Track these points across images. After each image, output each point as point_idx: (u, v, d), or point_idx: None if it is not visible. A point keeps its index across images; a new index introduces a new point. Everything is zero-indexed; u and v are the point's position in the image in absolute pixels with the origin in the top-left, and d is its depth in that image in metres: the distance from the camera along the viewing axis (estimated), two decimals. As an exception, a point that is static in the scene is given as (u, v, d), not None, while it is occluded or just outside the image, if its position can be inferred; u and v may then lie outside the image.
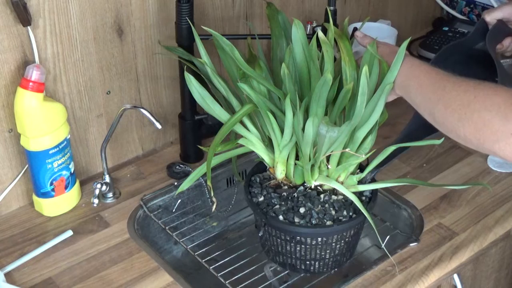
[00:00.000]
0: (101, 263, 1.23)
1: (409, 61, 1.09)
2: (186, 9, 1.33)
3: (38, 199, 1.33)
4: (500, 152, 0.93)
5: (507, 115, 0.91)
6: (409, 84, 1.07)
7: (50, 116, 1.26)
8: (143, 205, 1.38)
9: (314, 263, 1.19)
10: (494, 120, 0.92)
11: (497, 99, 0.93)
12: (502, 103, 0.92)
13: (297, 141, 1.14)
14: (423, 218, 1.33)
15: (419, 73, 1.06)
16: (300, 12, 1.66)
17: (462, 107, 0.96)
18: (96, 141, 1.43)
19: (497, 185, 1.42)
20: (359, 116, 1.09)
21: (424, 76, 1.05)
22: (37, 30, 1.25)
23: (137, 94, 1.46)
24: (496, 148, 0.93)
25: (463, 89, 0.97)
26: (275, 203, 1.17)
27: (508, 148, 0.92)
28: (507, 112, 0.91)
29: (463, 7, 1.99)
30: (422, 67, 1.07)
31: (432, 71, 1.05)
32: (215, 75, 1.18)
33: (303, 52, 1.15)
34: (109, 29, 1.35)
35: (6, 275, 1.20)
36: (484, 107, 0.94)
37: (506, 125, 0.91)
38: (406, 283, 1.19)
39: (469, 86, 0.97)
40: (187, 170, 1.47)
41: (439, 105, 1.00)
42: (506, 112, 0.91)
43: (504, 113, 0.91)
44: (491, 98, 0.94)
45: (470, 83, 0.98)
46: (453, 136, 1.01)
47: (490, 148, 0.95)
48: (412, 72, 1.07)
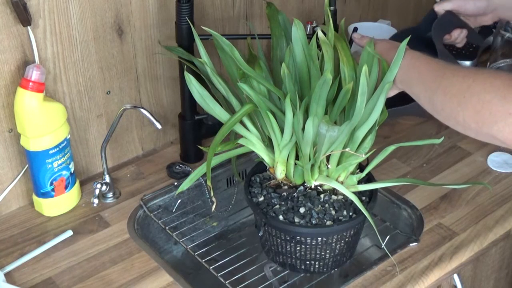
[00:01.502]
0: (101, 263, 1.23)
1: (409, 54, 1.09)
2: (186, 9, 1.33)
3: (38, 199, 1.33)
4: (499, 134, 0.92)
5: (505, 96, 0.91)
6: (410, 76, 1.07)
7: (50, 116, 1.26)
8: (143, 205, 1.38)
9: (314, 263, 1.19)
10: (493, 101, 0.92)
11: (496, 81, 0.93)
12: (501, 84, 0.92)
13: (297, 141, 1.14)
14: (423, 218, 1.33)
15: (419, 64, 1.07)
16: (300, 12, 1.66)
17: (461, 91, 0.96)
18: (96, 141, 1.43)
19: (497, 185, 1.43)
20: (359, 116, 1.09)
21: (424, 66, 1.05)
22: (37, 30, 1.25)
23: (137, 94, 1.46)
24: (495, 130, 0.92)
25: (462, 75, 0.97)
26: (275, 203, 1.17)
27: (507, 129, 0.91)
28: (506, 93, 0.91)
29: (463, 7, 1.99)
30: (422, 58, 1.07)
31: (432, 61, 1.05)
32: (215, 75, 1.18)
33: (303, 52, 1.15)
34: (109, 29, 1.35)
35: (6, 275, 1.20)
36: (483, 89, 0.93)
37: (504, 105, 0.90)
38: (406, 283, 1.19)
39: (468, 72, 0.98)
40: (187, 170, 1.47)
41: (438, 92, 1.00)
42: (505, 93, 0.91)
43: (502, 94, 0.91)
44: (490, 80, 0.93)
45: (470, 69, 0.99)
46: (452, 122, 1.00)
47: (488, 130, 0.93)
48: (413, 64, 1.08)
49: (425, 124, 1.61)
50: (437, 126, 1.59)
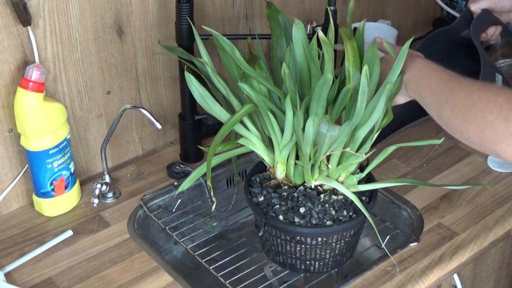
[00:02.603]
0: (101, 263, 1.23)
1: (422, 63, 1.10)
2: (186, 9, 1.33)
3: (38, 199, 1.33)
4: (502, 153, 0.94)
5: (508, 117, 0.92)
6: (421, 86, 1.08)
7: (50, 116, 1.26)
8: (143, 205, 1.38)
9: (314, 263, 1.19)
10: (496, 121, 0.93)
11: (499, 100, 0.94)
12: (504, 104, 0.93)
13: (297, 141, 1.14)
14: (423, 218, 1.33)
15: (430, 75, 1.08)
16: (300, 12, 1.66)
17: (467, 108, 0.98)
18: (96, 141, 1.43)
19: (497, 185, 1.43)
20: (359, 116, 1.09)
21: (435, 78, 1.07)
22: (37, 30, 1.24)
23: (137, 94, 1.46)
24: (498, 149, 0.94)
25: (469, 90, 0.99)
26: (275, 203, 1.17)
27: (510, 148, 0.93)
28: (508, 114, 0.92)
29: (463, 7, 1.99)
30: (434, 69, 1.08)
31: (443, 72, 1.06)
32: (215, 75, 1.18)
33: (304, 52, 1.15)
34: (109, 29, 1.35)
35: (6, 275, 1.20)
36: (487, 108, 0.95)
37: (507, 126, 0.92)
38: (406, 283, 1.19)
39: (475, 87, 0.99)
40: (187, 170, 1.47)
41: (446, 106, 1.02)
42: (508, 114, 0.92)
43: (505, 115, 0.92)
44: (494, 99, 0.95)
45: (476, 85, 1.00)
46: (458, 136, 1.02)
47: (492, 148, 0.96)
48: (424, 74, 1.09)
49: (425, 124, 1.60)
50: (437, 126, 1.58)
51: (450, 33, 1.35)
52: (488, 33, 1.37)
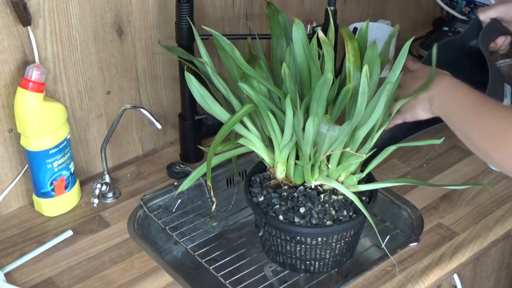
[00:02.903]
0: (101, 263, 1.23)
1: (449, 81, 1.11)
2: (186, 9, 1.33)
3: (38, 199, 1.33)
4: None
5: None
6: (448, 105, 1.09)
7: (50, 116, 1.26)
8: (143, 205, 1.38)
9: (314, 263, 1.19)
10: None
11: None
12: None
13: (297, 140, 1.14)
14: (423, 218, 1.33)
15: (458, 94, 1.08)
16: (300, 12, 1.66)
17: (497, 134, 0.99)
18: (96, 141, 1.43)
19: (497, 185, 1.42)
20: (359, 116, 1.09)
21: (462, 98, 1.07)
22: (37, 30, 1.24)
23: (137, 94, 1.46)
24: None
25: (499, 116, 1.00)
26: (275, 203, 1.17)
27: None
28: None
29: (463, 7, 1.99)
30: (461, 89, 1.09)
31: (471, 93, 1.07)
32: (215, 75, 1.18)
33: (304, 52, 1.15)
34: (109, 29, 1.35)
35: (6, 275, 1.20)
36: None
37: None
38: (406, 283, 1.19)
39: (505, 113, 1.00)
40: (187, 170, 1.47)
41: (475, 130, 1.03)
42: None
43: None
44: None
45: (506, 110, 1.01)
46: (488, 161, 1.05)
47: None
48: (452, 93, 1.09)
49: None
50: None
51: (459, 43, 1.34)
52: (497, 42, 1.35)
